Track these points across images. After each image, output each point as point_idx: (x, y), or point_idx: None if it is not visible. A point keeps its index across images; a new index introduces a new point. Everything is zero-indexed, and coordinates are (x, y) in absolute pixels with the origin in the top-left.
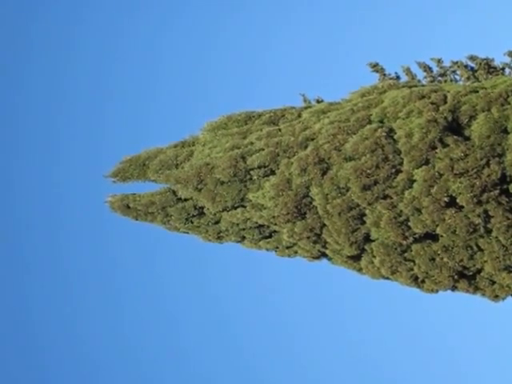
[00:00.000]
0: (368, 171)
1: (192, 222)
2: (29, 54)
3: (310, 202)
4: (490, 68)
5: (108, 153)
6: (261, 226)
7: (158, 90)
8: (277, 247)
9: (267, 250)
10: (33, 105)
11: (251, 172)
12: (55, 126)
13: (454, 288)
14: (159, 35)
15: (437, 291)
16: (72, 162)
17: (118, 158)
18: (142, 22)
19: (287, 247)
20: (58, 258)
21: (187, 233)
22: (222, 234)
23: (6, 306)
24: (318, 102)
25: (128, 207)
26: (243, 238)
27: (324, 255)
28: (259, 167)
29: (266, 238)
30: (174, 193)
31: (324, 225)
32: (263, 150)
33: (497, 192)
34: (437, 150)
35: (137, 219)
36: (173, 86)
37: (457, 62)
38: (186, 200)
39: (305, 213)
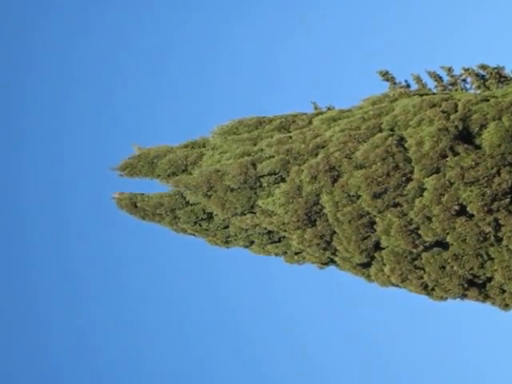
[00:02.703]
0: (379, 179)
1: (200, 225)
2: (39, 44)
3: (321, 210)
4: (500, 77)
5: (113, 147)
6: (270, 232)
7: (170, 90)
8: (285, 252)
9: (276, 254)
10: (42, 101)
11: (261, 179)
12: (65, 119)
13: (463, 296)
14: (173, 38)
15: (446, 299)
16: (78, 154)
17: (123, 152)
18: (160, 18)
19: (296, 253)
20: (61, 252)
21: (194, 235)
22: (230, 239)
23: (10, 299)
24: (329, 110)
25: (135, 206)
26: (251, 242)
27: (333, 262)
28: (269, 174)
29: (275, 242)
30: (183, 196)
31: (334, 232)
32: (273, 157)
33: (507, 201)
34: (447, 159)
35: (143, 219)
36: (186, 88)
37: (468, 69)
38: (195, 203)
39: (315, 220)
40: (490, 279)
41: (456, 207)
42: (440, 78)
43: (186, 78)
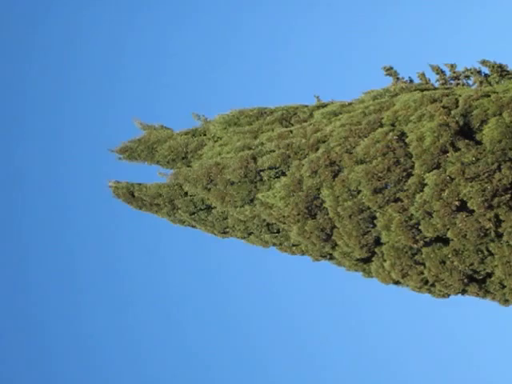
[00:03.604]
0: (379, 174)
1: (198, 215)
2: (40, 30)
3: (321, 204)
4: (502, 71)
5: (112, 129)
6: (269, 224)
7: (170, 79)
8: (282, 243)
9: (273, 244)
10: (40, 84)
11: (261, 173)
12: (63, 102)
13: (463, 292)
14: (177, 28)
15: (447, 295)
16: (76, 136)
17: (119, 136)
18: (165, 4)
19: (294, 245)
20: (53, 236)
21: (191, 226)
22: (227, 229)
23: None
24: (331, 103)
25: (132, 196)
26: (250, 234)
27: (331, 256)
28: (270, 168)
29: (273, 233)
30: (182, 186)
31: (334, 226)
32: (274, 151)
33: (508, 196)
34: (448, 154)
35: (140, 209)
36: (188, 77)
37: (470, 69)
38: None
39: (315, 214)
40: (490, 275)
41: (456, 203)
42: (443, 72)
43: (189, 66)
